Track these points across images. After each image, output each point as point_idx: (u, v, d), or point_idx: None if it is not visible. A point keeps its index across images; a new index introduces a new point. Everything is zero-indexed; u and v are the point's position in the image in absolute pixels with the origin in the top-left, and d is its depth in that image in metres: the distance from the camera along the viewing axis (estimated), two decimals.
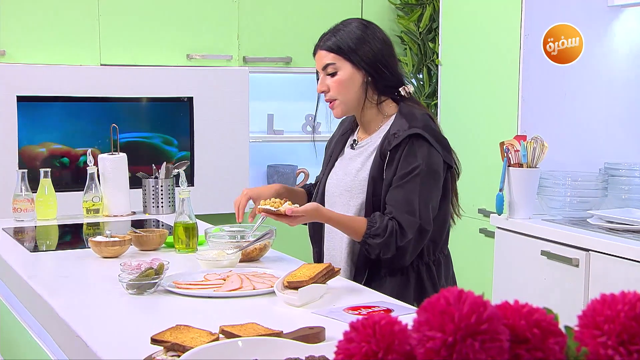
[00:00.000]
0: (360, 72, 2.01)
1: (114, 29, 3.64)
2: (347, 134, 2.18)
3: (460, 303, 0.71)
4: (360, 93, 2.03)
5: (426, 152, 1.95)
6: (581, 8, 3.04)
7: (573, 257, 2.59)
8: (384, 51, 2.03)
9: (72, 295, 1.84)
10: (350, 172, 2.07)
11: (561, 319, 0.77)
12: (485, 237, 3.26)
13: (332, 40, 2.03)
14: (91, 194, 2.85)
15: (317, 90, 2.06)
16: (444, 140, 2.02)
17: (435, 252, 2.04)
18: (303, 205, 1.96)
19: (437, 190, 1.98)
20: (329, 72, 2.02)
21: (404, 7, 4.06)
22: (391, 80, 2.05)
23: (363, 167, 2.04)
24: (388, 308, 1.67)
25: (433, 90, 3.92)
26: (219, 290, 1.80)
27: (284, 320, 1.59)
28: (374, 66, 2.01)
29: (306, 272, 1.78)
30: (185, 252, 2.27)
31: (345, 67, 2.01)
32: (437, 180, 1.97)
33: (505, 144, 2.83)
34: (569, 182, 2.84)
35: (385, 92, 2.06)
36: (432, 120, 2.05)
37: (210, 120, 3.77)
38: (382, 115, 2.06)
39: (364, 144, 2.08)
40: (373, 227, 1.93)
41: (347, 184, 2.06)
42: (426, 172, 1.94)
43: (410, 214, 1.92)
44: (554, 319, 0.75)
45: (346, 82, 2.01)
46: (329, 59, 2.02)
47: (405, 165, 1.94)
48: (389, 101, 2.07)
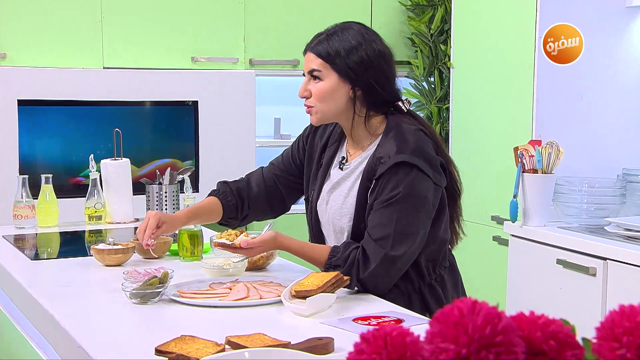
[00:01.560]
0: (346, 85, 1.94)
1: (117, 31, 3.65)
2: (333, 146, 2.10)
3: (474, 314, 0.71)
4: (343, 106, 1.95)
5: (411, 180, 1.87)
6: (598, 8, 3.04)
7: (590, 266, 2.58)
8: (377, 65, 1.94)
9: (73, 305, 1.84)
10: (339, 198, 2.01)
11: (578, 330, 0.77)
12: (499, 245, 3.25)
13: (323, 44, 1.95)
14: (93, 201, 2.85)
15: (299, 93, 1.99)
16: (434, 161, 1.92)
17: (435, 269, 2.02)
18: (260, 236, 1.95)
19: (423, 216, 1.91)
20: (313, 77, 1.96)
21: (414, 8, 4.06)
22: (383, 96, 1.96)
23: (350, 192, 1.99)
24: (399, 318, 1.67)
25: (445, 93, 3.91)
26: (225, 299, 1.81)
27: (292, 330, 1.59)
28: (364, 80, 1.93)
29: (314, 281, 1.78)
30: (190, 260, 2.28)
31: (330, 77, 1.93)
32: (423, 206, 1.90)
33: (520, 149, 2.83)
34: (585, 188, 2.84)
35: (375, 107, 1.98)
36: (425, 134, 1.95)
37: (215, 124, 3.78)
38: (370, 133, 1.99)
39: (352, 165, 2.02)
40: (334, 257, 1.90)
41: (337, 210, 2.01)
42: (407, 199, 1.87)
43: (379, 241, 1.87)
44: (571, 331, 0.75)
45: (328, 92, 1.94)
46: (316, 65, 1.94)
47: (385, 191, 1.88)
48: (379, 117, 1.99)
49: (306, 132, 2.20)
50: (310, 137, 2.17)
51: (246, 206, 2.20)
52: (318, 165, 2.12)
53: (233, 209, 2.19)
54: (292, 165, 2.21)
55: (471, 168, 3.25)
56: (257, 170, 2.26)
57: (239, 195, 2.21)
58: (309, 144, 2.17)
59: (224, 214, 2.20)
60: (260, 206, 2.22)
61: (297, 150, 2.21)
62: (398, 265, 1.90)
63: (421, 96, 4.01)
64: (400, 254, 1.88)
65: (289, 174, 2.21)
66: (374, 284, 1.89)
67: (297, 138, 2.23)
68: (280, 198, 2.23)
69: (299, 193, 2.23)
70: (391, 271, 1.89)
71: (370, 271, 1.87)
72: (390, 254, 1.87)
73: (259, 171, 2.26)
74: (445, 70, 3.91)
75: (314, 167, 2.13)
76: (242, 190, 2.21)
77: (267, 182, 2.21)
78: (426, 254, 1.97)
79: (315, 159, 2.14)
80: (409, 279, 1.96)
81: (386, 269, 1.88)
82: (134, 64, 3.69)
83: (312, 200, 2.11)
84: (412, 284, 1.97)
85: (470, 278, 2.21)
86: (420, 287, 1.98)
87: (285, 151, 2.26)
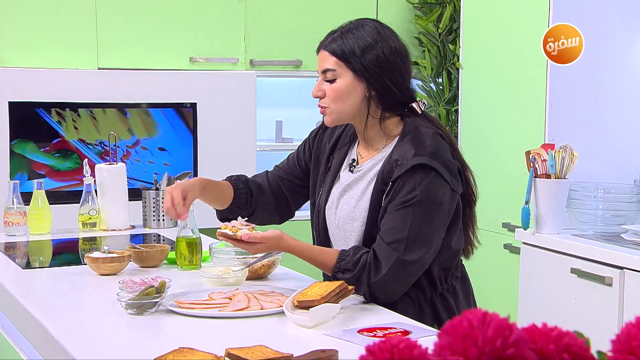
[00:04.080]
0: (362, 84, 1.95)
1: (112, 30, 3.66)
2: (344, 148, 2.10)
3: (485, 326, 0.71)
4: (358, 106, 1.96)
5: (428, 183, 1.88)
6: (616, 8, 3.04)
7: (606, 276, 2.58)
8: (394, 63, 1.95)
9: (67, 316, 1.85)
10: (350, 201, 2.01)
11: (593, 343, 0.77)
12: (510, 253, 3.25)
13: (337, 42, 1.95)
14: (88, 207, 2.86)
15: (312, 93, 2.00)
16: (452, 166, 1.93)
17: (447, 278, 2.02)
18: (265, 232, 1.93)
19: (438, 223, 1.92)
20: (327, 77, 1.96)
21: (422, 7, 4.07)
22: (398, 97, 1.97)
23: (363, 195, 1.99)
24: (405, 330, 1.67)
25: (453, 95, 3.92)
26: (225, 310, 1.81)
27: (294, 342, 1.59)
28: (380, 80, 1.94)
29: (318, 291, 1.78)
30: (188, 269, 2.28)
31: (346, 76, 1.94)
32: (438, 212, 1.90)
33: (532, 153, 2.83)
34: (601, 194, 2.84)
35: (390, 108, 1.98)
36: (442, 138, 1.97)
37: (214, 127, 3.78)
38: (385, 134, 2.00)
39: (364, 167, 2.02)
40: (343, 260, 1.89)
41: (348, 214, 2.01)
42: (423, 203, 1.87)
43: (392, 245, 1.87)
44: (585, 344, 0.75)
45: (344, 92, 1.95)
46: (330, 64, 1.95)
47: (402, 194, 1.88)
48: (394, 118, 2.00)
49: (313, 134, 2.21)
50: (318, 139, 2.18)
51: (254, 201, 2.20)
52: (326, 168, 2.12)
53: (243, 198, 2.19)
54: (298, 168, 2.22)
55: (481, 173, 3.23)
56: (262, 173, 2.27)
57: (249, 188, 2.21)
58: (315, 146, 2.17)
59: (233, 201, 2.18)
60: (267, 205, 2.22)
61: (303, 153, 2.21)
62: (410, 271, 1.90)
63: (429, 98, 4.01)
64: (413, 259, 1.88)
65: (294, 177, 2.22)
66: (384, 289, 1.89)
67: (304, 140, 2.23)
68: (285, 202, 2.23)
69: (305, 197, 2.23)
70: (403, 277, 1.89)
71: (381, 275, 1.86)
72: (403, 258, 1.87)
73: (263, 174, 2.27)
74: (454, 71, 3.91)
75: (322, 169, 2.13)
76: (252, 183, 2.22)
77: (272, 184, 2.22)
78: (439, 263, 1.97)
79: (322, 161, 2.14)
80: (421, 288, 1.96)
81: (398, 274, 1.88)
82: (130, 65, 3.69)
83: (319, 204, 2.10)
84: (424, 294, 1.97)
85: (481, 288, 2.21)
86: (432, 297, 1.99)
87: (291, 154, 2.27)
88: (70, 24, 3.60)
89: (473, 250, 2.10)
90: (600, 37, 3.03)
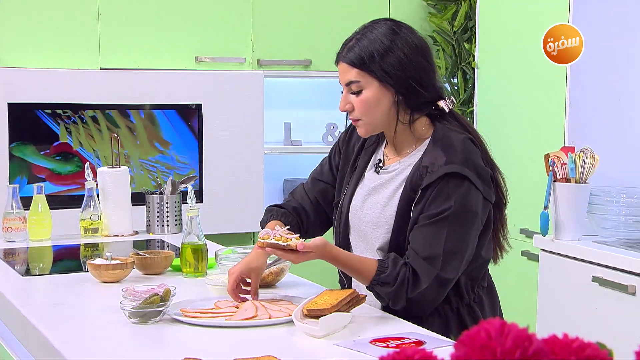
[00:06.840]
0: (388, 91, 1.94)
1: (115, 29, 3.67)
2: (370, 148, 2.11)
3: (503, 337, 0.71)
4: (389, 113, 1.96)
5: (463, 193, 1.88)
6: (636, 5, 3.03)
7: (629, 284, 2.57)
8: (416, 62, 1.93)
9: (68, 325, 1.85)
10: (376, 206, 2.00)
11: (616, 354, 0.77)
12: (528, 260, 3.24)
13: (355, 50, 1.94)
14: (89, 212, 2.87)
15: (340, 107, 1.99)
16: (485, 173, 1.93)
17: (474, 289, 2.02)
18: (313, 240, 1.89)
19: (473, 233, 1.92)
20: (353, 90, 1.95)
21: (436, 4, 4.07)
22: (425, 96, 1.96)
23: (390, 201, 1.98)
24: (419, 340, 1.67)
25: (469, 96, 3.92)
26: (232, 319, 1.81)
27: (304, 352, 1.59)
28: (405, 83, 1.93)
29: (328, 299, 1.79)
30: (193, 276, 2.28)
31: (371, 86, 1.93)
32: (473, 222, 1.91)
33: (551, 156, 2.82)
34: (623, 199, 2.83)
35: (418, 108, 1.98)
36: (473, 144, 1.96)
37: (221, 129, 3.79)
38: (415, 138, 2.00)
39: (392, 169, 2.02)
40: (383, 273, 1.88)
41: (372, 219, 2.00)
42: (458, 215, 1.87)
43: (428, 260, 1.87)
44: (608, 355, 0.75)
45: (372, 102, 1.94)
46: (353, 76, 1.94)
47: (435, 205, 1.87)
48: (423, 119, 2.00)
49: (341, 137, 2.21)
50: (347, 141, 2.18)
51: (304, 226, 2.18)
52: (352, 168, 2.13)
53: (296, 228, 2.14)
54: (332, 176, 2.20)
55: None
56: (300, 190, 2.24)
57: (296, 213, 2.19)
58: (344, 147, 2.17)
59: None
60: (314, 224, 2.20)
61: (334, 157, 2.20)
62: (447, 287, 1.91)
63: None
64: (452, 277, 1.89)
65: (332, 186, 2.20)
66: (419, 304, 1.89)
67: (334, 145, 2.23)
68: (326, 217, 2.21)
69: None
70: (440, 293, 1.90)
71: (420, 291, 1.86)
72: (442, 275, 1.87)
73: (302, 191, 2.23)
74: (470, 71, 3.91)
75: (348, 170, 2.13)
76: (297, 209, 2.19)
77: (313, 202, 2.20)
78: (466, 273, 1.97)
79: (350, 162, 2.14)
80: (447, 299, 1.96)
81: (435, 291, 1.88)
82: (133, 65, 3.70)
83: (342, 205, 2.10)
84: (450, 304, 1.97)
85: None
86: (459, 308, 1.99)
87: (323, 160, 2.25)
88: (72, 22, 3.61)
89: (502, 255, 2.10)
90: (623, 35, 3.02)
